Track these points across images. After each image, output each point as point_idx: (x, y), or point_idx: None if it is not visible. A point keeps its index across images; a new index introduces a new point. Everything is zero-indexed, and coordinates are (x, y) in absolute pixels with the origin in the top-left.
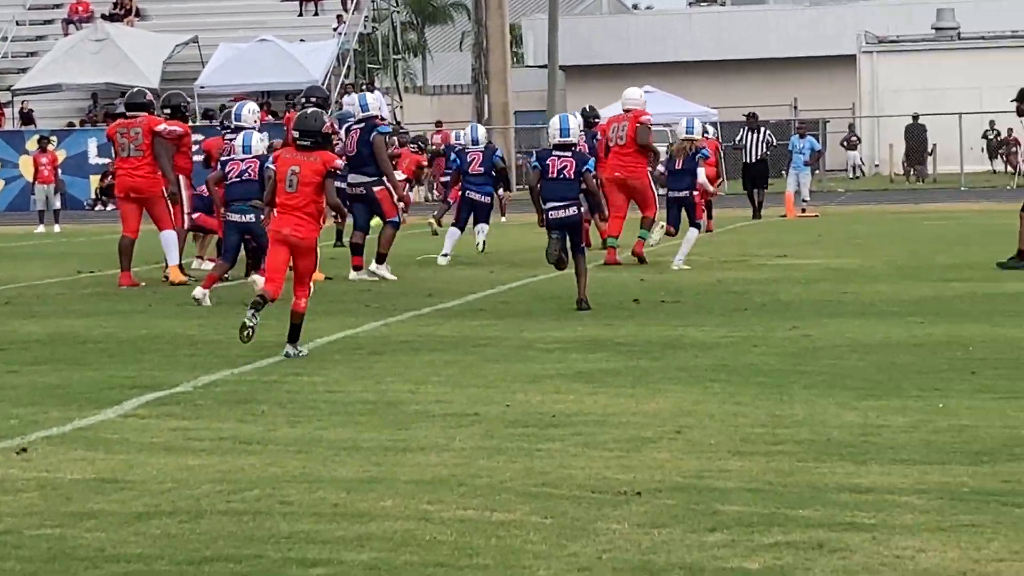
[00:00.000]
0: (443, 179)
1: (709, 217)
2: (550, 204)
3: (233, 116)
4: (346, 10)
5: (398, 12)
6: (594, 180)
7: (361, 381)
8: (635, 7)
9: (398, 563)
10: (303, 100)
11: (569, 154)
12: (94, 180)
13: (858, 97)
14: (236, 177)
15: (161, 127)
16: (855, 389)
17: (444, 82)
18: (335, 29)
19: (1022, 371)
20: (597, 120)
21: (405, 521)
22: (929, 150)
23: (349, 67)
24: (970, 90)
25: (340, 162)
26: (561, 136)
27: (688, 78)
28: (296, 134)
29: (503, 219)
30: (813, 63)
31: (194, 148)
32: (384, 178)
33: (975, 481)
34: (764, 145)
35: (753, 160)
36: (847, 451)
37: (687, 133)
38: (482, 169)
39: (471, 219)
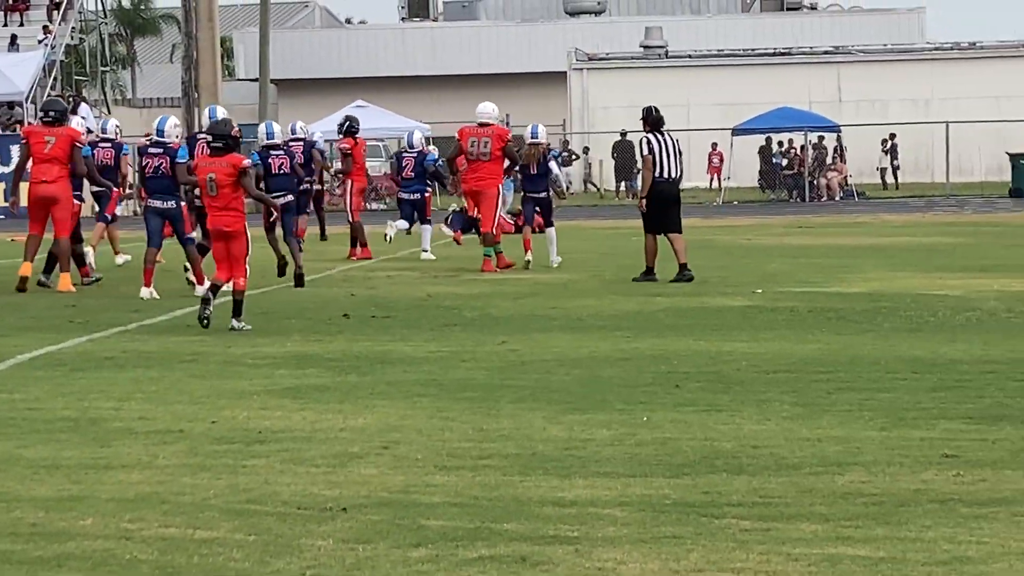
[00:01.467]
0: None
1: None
2: (275, 194)
3: (156, 132)
4: (52, 21)
5: (106, 23)
6: (300, 168)
7: (63, 398)
8: (348, 22)
9: None
10: (42, 114)
11: (282, 152)
12: None
13: (569, 114)
14: (152, 172)
15: None
16: (561, 403)
17: (154, 95)
18: (40, 41)
19: (723, 384)
20: (356, 130)
21: (105, 540)
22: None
23: (56, 78)
24: (678, 107)
25: (248, 161)
26: (268, 139)
27: (402, 93)
28: (209, 137)
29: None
30: (525, 79)
31: None
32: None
33: (676, 493)
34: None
35: None
36: (552, 465)
37: (532, 138)
38: (414, 174)
39: (415, 216)
